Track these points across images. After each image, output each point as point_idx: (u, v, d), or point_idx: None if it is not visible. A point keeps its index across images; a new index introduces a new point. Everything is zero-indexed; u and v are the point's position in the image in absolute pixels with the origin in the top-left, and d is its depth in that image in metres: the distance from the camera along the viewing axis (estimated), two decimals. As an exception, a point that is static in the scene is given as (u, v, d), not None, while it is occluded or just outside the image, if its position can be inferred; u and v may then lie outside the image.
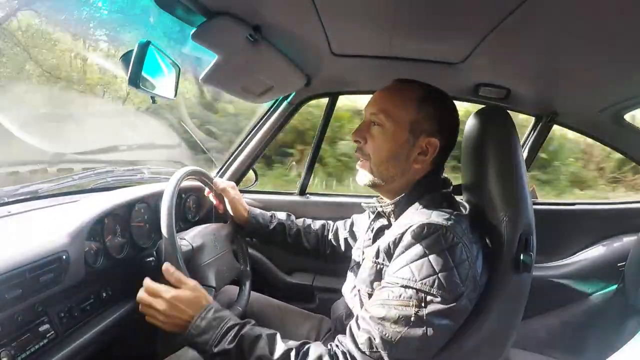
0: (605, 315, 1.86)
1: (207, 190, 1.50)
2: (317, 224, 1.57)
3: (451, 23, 1.09)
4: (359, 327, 0.93)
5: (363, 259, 1.14)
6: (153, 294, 1.02)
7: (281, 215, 1.55)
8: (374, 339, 0.89)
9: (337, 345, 0.94)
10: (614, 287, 1.87)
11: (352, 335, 0.93)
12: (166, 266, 1.06)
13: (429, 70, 1.41)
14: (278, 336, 0.96)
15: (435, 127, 1.07)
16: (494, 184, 1.08)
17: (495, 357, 1.09)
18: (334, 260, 1.53)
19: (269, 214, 1.54)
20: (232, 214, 1.48)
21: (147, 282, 1.05)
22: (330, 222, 1.59)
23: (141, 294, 1.04)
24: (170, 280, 1.04)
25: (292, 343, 0.95)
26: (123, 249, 1.25)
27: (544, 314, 1.96)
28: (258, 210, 1.52)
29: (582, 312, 1.92)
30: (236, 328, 0.96)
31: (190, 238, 1.22)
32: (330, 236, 1.53)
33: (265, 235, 1.51)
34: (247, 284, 1.44)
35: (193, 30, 1.01)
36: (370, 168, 1.11)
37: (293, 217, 1.58)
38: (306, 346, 0.94)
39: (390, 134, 1.07)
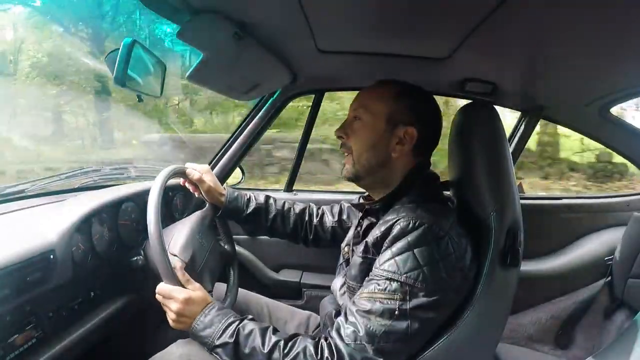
0: (593, 309, 1.88)
1: (182, 180, 1.44)
2: (297, 208, 1.52)
3: (436, 18, 1.09)
4: (346, 320, 0.96)
5: (352, 256, 1.15)
6: (167, 297, 1.06)
7: (260, 198, 1.49)
8: (359, 331, 0.91)
9: (325, 339, 0.96)
10: (602, 281, 1.89)
11: (338, 328, 0.96)
12: (162, 285, 1.08)
13: (415, 66, 1.41)
14: (270, 329, 1.00)
15: (413, 117, 1.10)
16: (481, 179, 1.09)
17: (484, 352, 1.10)
18: (318, 246, 1.53)
19: (247, 196, 1.47)
20: (209, 201, 1.43)
21: (159, 286, 1.08)
22: (312, 204, 1.56)
23: (157, 297, 1.08)
24: (171, 294, 1.06)
25: (282, 335, 0.98)
26: (110, 247, 1.24)
27: (532, 308, 1.97)
28: (236, 194, 1.45)
29: (570, 307, 1.94)
30: (236, 323, 1.01)
31: (180, 253, 1.17)
32: (315, 222, 1.51)
33: (242, 219, 1.46)
34: (235, 266, 1.45)
35: (179, 29, 1.01)
36: (352, 160, 1.13)
37: (272, 200, 1.51)
38: (294, 339, 0.97)
39: (369, 126, 1.11)
